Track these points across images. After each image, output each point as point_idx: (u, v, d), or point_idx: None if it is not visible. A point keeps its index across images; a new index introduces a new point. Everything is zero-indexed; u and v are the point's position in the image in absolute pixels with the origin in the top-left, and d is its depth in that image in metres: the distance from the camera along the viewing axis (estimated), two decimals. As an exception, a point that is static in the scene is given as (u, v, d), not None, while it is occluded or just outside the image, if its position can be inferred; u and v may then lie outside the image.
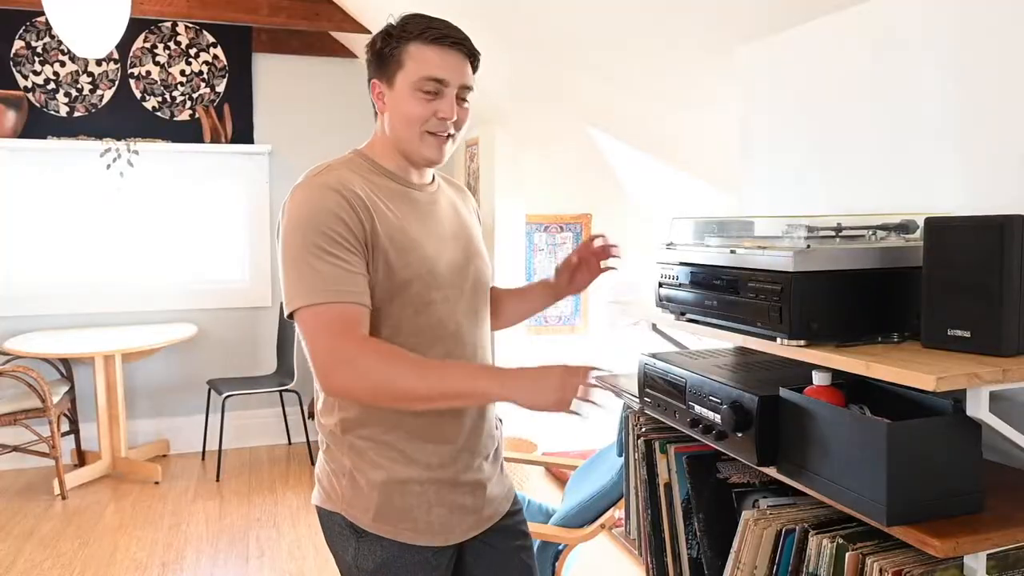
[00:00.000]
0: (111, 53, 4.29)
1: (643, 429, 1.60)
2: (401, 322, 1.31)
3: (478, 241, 1.50)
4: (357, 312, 1.23)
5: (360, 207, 1.26)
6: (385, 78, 1.34)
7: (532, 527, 2.20)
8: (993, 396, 0.98)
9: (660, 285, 1.52)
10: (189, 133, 4.47)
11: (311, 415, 4.73)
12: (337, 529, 1.38)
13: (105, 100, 4.34)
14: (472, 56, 1.36)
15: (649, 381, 1.54)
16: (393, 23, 1.34)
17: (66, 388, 4.13)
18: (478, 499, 1.42)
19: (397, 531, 1.35)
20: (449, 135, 1.35)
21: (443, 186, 1.50)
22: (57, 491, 3.85)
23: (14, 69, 4.19)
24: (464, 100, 1.36)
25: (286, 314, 1.26)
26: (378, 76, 1.35)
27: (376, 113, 1.40)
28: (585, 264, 1.56)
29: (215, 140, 4.48)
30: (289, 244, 1.24)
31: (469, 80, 1.35)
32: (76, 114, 4.29)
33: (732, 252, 1.30)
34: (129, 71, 4.38)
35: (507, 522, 1.51)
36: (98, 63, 4.31)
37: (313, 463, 4.41)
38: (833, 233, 1.25)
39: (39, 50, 4.22)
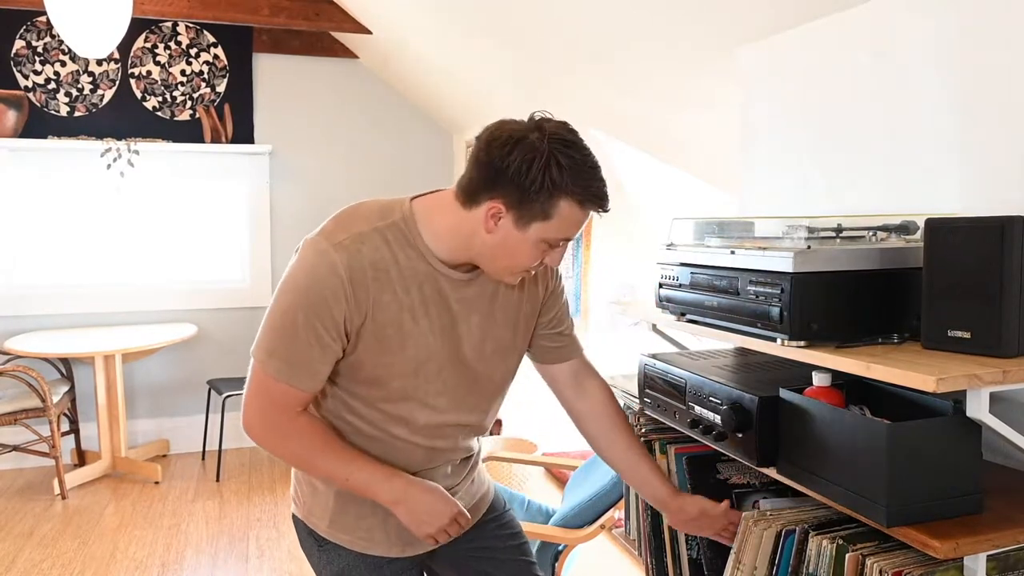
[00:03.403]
0: (112, 53, 4.29)
1: (643, 429, 1.60)
2: (368, 402, 1.28)
3: (511, 335, 1.36)
4: (303, 397, 1.23)
5: (361, 298, 1.19)
6: (515, 213, 1.15)
7: (532, 527, 2.20)
8: (993, 397, 0.98)
9: (660, 286, 1.52)
10: (189, 133, 4.47)
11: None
12: (303, 536, 1.40)
13: (106, 100, 4.34)
14: None
15: (649, 382, 1.54)
16: (557, 162, 1.12)
17: (66, 388, 4.13)
18: None
19: (352, 540, 1.35)
20: None
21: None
22: (57, 491, 3.85)
23: (14, 69, 4.19)
24: None
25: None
26: (507, 204, 1.15)
27: (464, 198, 1.19)
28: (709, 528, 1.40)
29: (215, 140, 4.48)
30: (282, 297, 1.21)
31: None
32: (76, 114, 4.30)
33: (732, 253, 1.30)
34: (130, 71, 4.38)
35: (488, 527, 1.50)
36: (98, 63, 4.31)
37: (313, 463, 4.42)
38: (833, 234, 1.25)
39: (40, 50, 4.22)
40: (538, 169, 1.12)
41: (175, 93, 4.46)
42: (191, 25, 4.45)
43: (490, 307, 1.32)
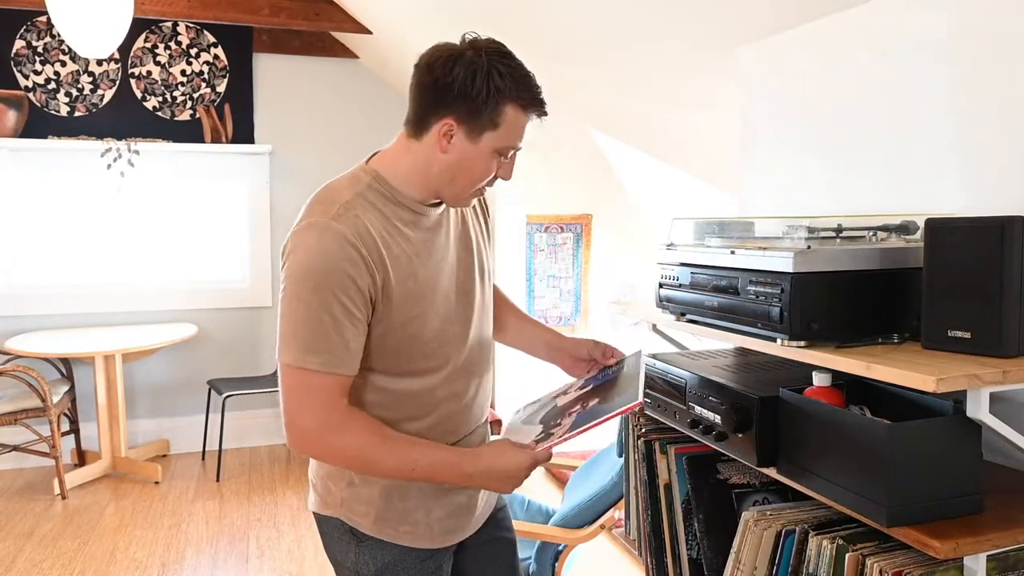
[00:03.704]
0: (112, 53, 4.29)
1: (643, 429, 1.60)
2: (398, 373, 1.29)
3: (481, 262, 1.43)
4: (345, 383, 1.22)
5: (376, 260, 1.21)
6: (467, 127, 1.21)
7: (532, 527, 2.20)
8: (993, 397, 0.98)
9: (660, 286, 1.52)
10: (190, 133, 4.47)
11: (311, 415, 4.72)
12: (336, 534, 1.37)
13: (106, 100, 4.34)
14: None
15: (649, 381, 1.54)
16: (498, 71, 1.19)
17: (66, 388, 4.13)
18: (472, 499, 1.43)
19: (398, 534, 1.35)
20: None
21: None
22: (57, 491, 3.85)
23: (15, 69, 4.19)
24: None
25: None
26: (459, 119, 1.21)
27: (413, 130, 1.26)
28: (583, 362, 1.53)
29: (215, 140, 4.48)
30: (295, 293, 1.18)
31: None
32: (77, 114, 4.30)
33: (732, 253, 1.30)
34: (130, 71, 4.38)
35: (493, 516, 1.55)
36: (99, 63, 4.31)
37: (313, 463, 4.41)
38: (833, 234, 1.25)
39: (40, 50, 4.22)
40: (482, 79, 1.18)
41: (175, 93, 4.46)
42: (191, 25, 4.45)
43: (463, 233, 1.40)
